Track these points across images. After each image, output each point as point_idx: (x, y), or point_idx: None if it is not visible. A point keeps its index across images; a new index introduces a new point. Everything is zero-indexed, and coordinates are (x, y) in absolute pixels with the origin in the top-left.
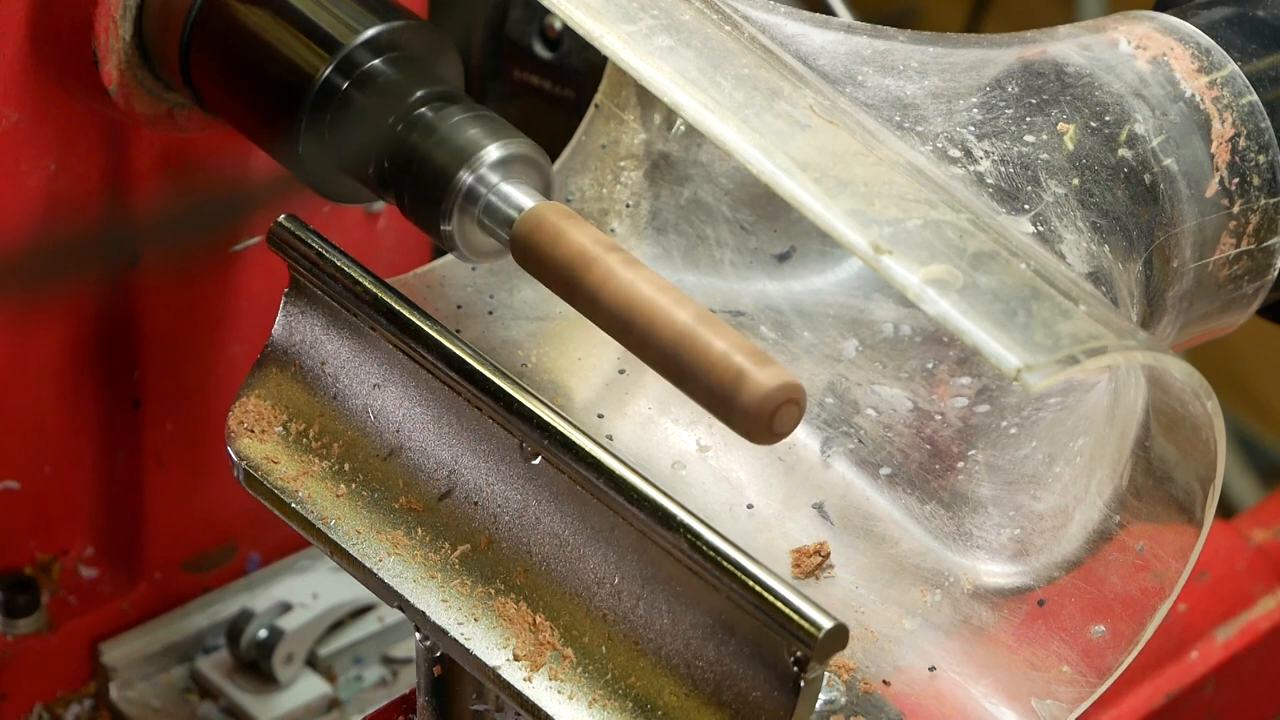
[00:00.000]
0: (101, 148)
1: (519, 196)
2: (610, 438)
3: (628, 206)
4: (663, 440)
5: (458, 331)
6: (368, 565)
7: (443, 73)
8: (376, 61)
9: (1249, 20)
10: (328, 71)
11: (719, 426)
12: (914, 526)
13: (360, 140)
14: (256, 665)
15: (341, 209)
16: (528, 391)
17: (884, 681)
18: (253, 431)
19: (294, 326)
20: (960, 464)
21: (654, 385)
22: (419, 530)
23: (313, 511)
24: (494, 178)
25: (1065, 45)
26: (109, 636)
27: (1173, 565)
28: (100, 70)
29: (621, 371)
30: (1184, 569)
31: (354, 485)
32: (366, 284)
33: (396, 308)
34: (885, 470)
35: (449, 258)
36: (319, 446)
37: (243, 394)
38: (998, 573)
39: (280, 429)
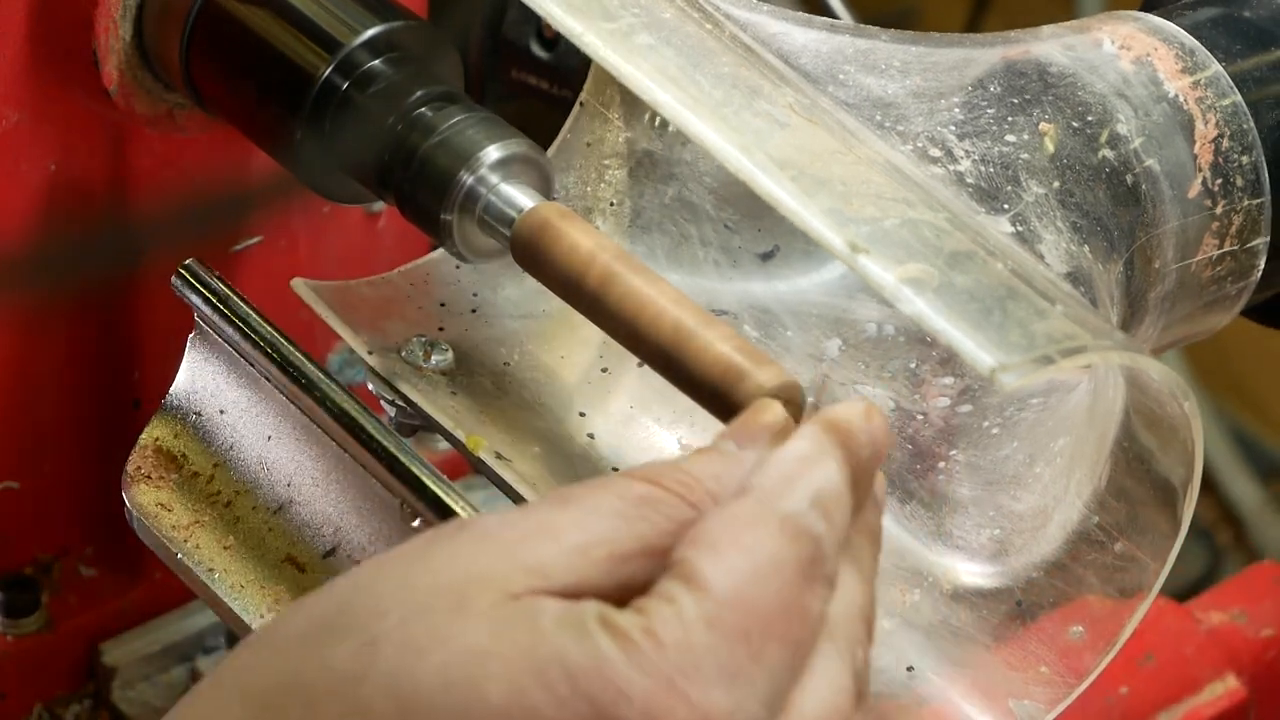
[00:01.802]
0: (101, 148)
1: (519, 197)
2: (591, 436)
3: (611, 205)
4: (644, 438)
5: (440, 329)
6: (246, 620)
7: (442, 73)
8: (376, 62)
9: (1234, 21)
10: (328, 72)
11: (700, 425)
12: (894, 526)
13: (360, 140)
14: None
15: (341, 209)
16: (411, 453)
17: None
18: (149, 478)
19: (198, 372)
20: (941, 464)
21: (636, 384)
22: (301, 588)
23: (199, 563)
24: (494, 178)
25: (1049, 45)
26: (109, 636)
27: (1151, 566)
28: (100, 70)
29: (604, 370)
30: (1162, 570)
31: (242, 537)
32: (263, 333)
33: (290, 360)
34: None
35: (434, 254)
36: (212, 496)
37: (143, 439)
38: (977, 573)
39: (177, 476)
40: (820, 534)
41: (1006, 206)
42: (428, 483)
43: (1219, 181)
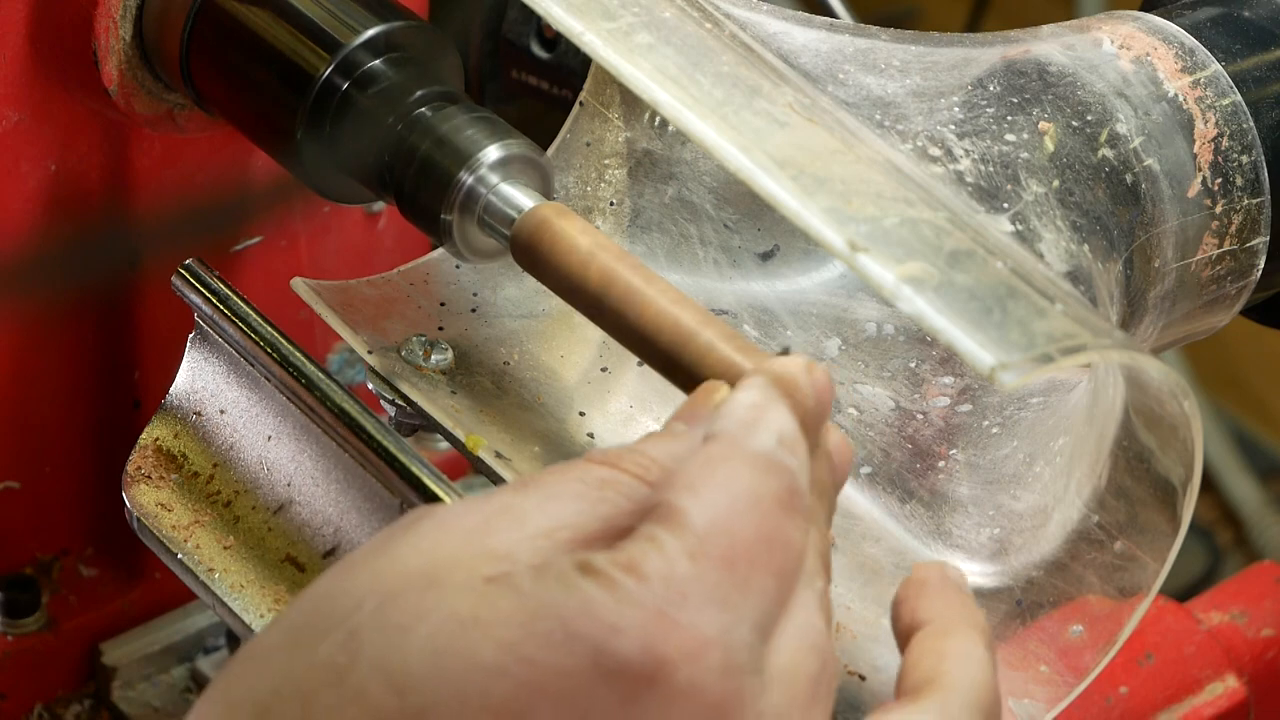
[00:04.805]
0: (101, 148)
1: (519, 197)
2: (591, 435)
3: (611, 205)
4: None
5: (440, 329)
6: (246, 620)
7: (442, 73)
8: (376, 62)
9: (1234, 21)
10: (328, 72)
11: None
12: (894, 525)
13: (360, 140)
14: None
15: (341, 209)
16: (411, 453)
17: (860, 678)
18: (149, 478)
19: (198, 372)
20: (941, 463)
21: (636, 383)
22: (301, 587)
23: (200, 563)
24: (494, 178)
25: (1049, 45)
26: (109, 636)
27: (1150, 565)
28: (100, 70)
29: (604, 370)
30: (1162, 569)
31: (242, 537)
32: (263, 333)
33: (290, 360)
34: (866, 469)
35: (434, 254)
36: (212, 496)
37: (143, 439)
38: (976, 572)
39: (177, 476)
40: (793, 468)
41: (1006, 205)
42: (428, 482)
43: (1218, 181)
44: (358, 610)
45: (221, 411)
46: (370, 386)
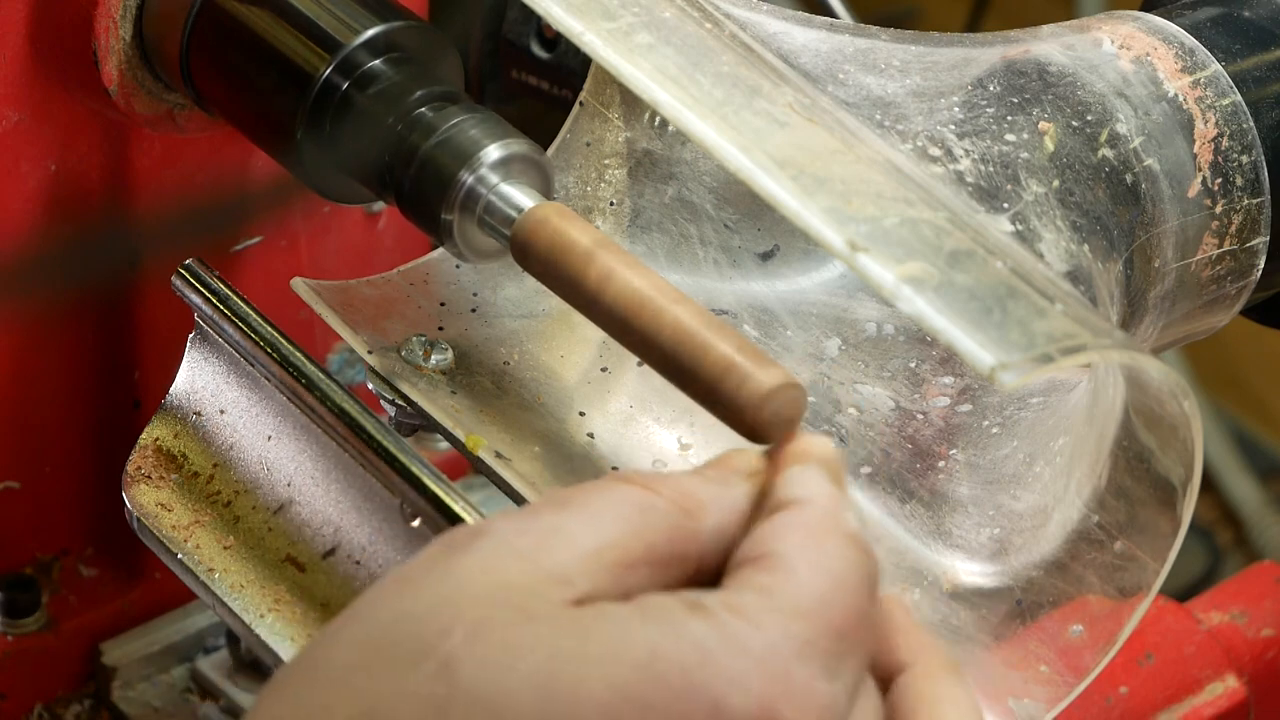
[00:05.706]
0: (101, 148)
1: (519, 196)
2: (591, 436)
3: (611, 205)
4: (644, 438)
5: (440, 329)
6: (246, 620)
7: (443, 73)
8: (376, 62)
9: (1234, 20)
10: (328, 72)
11: (700, 425)
12: (894, 525)
13: (360, 140)
14: (257, 665)
15: (341, 209)
16: (411, 453)
17: None
18: (149, 478)
19: (198, 372)
20: (941, 463)
21: (636, 383)
22: (301, 587)
23: (199, 563)
24: (494, 178)
25: (1049, 45)
26: (109, 636)
27: (1150, 565)
28: (100, 70)
29: (604, 369)
30: (1162, 569)
31: (242, 537)
32: (263, 333)
33: (290, 360)
34: (866, 469)
35: (434, 254)
36: (212, 496)
37: (143, 439)
38: (976, 572)
39: (177, 476)
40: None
41: (1006, 205)
42: (428, 482)
43: (1218, 181)
44: (447, 637)
45: (221, 411)
46: (370, 386)
